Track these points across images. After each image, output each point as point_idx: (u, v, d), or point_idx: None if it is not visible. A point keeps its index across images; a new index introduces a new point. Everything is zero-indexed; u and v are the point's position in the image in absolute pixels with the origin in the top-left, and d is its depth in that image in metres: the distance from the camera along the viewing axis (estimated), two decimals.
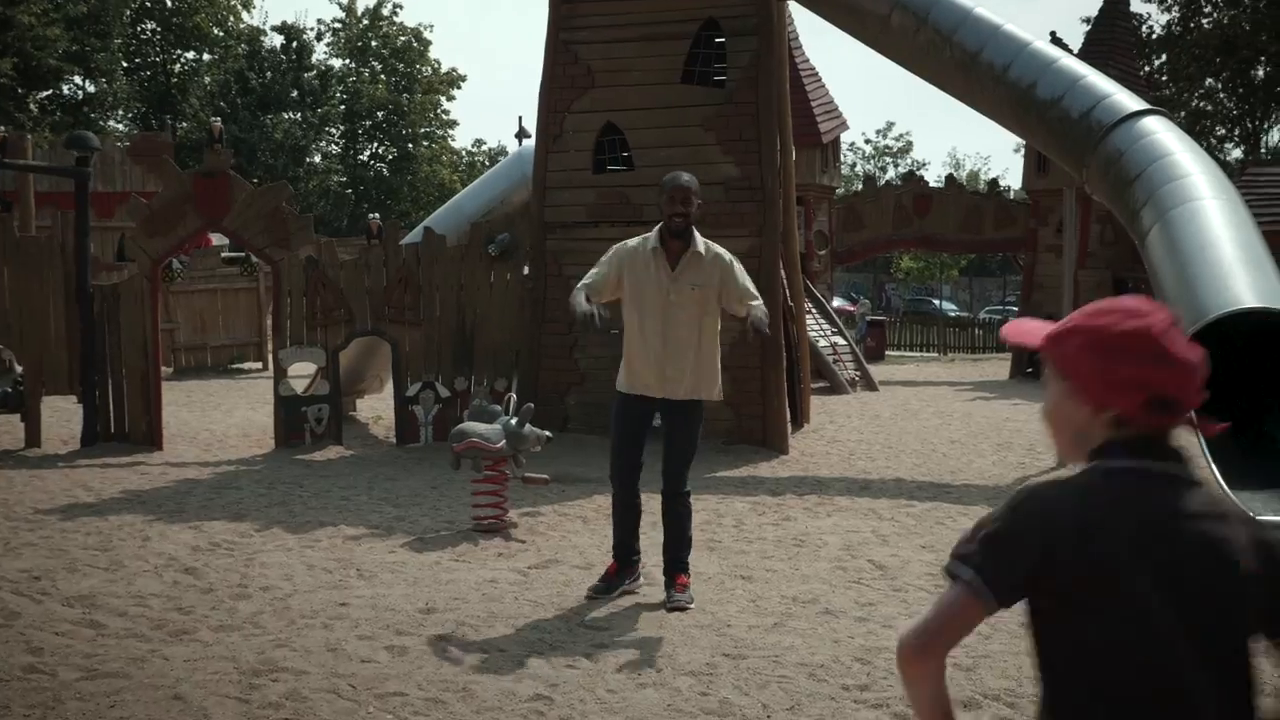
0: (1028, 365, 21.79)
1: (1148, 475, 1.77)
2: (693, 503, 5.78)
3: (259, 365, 19.53)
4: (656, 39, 11.37)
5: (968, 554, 1.83)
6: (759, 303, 5.63)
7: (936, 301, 49.80)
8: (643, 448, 5.77)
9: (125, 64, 42.28)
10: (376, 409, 13.21)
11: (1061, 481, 1.82)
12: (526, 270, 11.59)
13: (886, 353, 26.04)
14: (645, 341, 5.58)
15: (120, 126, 40.99)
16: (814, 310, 19.22)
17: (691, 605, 5.53)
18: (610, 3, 11.52)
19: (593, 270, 5.76)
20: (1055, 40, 19.55)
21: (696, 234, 5.67)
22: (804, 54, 21.50)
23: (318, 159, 47.15)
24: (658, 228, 5.71)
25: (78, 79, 38.37)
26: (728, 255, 5.72)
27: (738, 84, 11.22)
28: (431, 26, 66.34)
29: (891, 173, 57.87)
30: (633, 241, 5.75)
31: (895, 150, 62.31)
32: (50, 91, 36.86)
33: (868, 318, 30.44)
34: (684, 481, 5.72)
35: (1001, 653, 4.82)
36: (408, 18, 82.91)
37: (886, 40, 11.95)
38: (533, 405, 7.58)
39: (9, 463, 9.90)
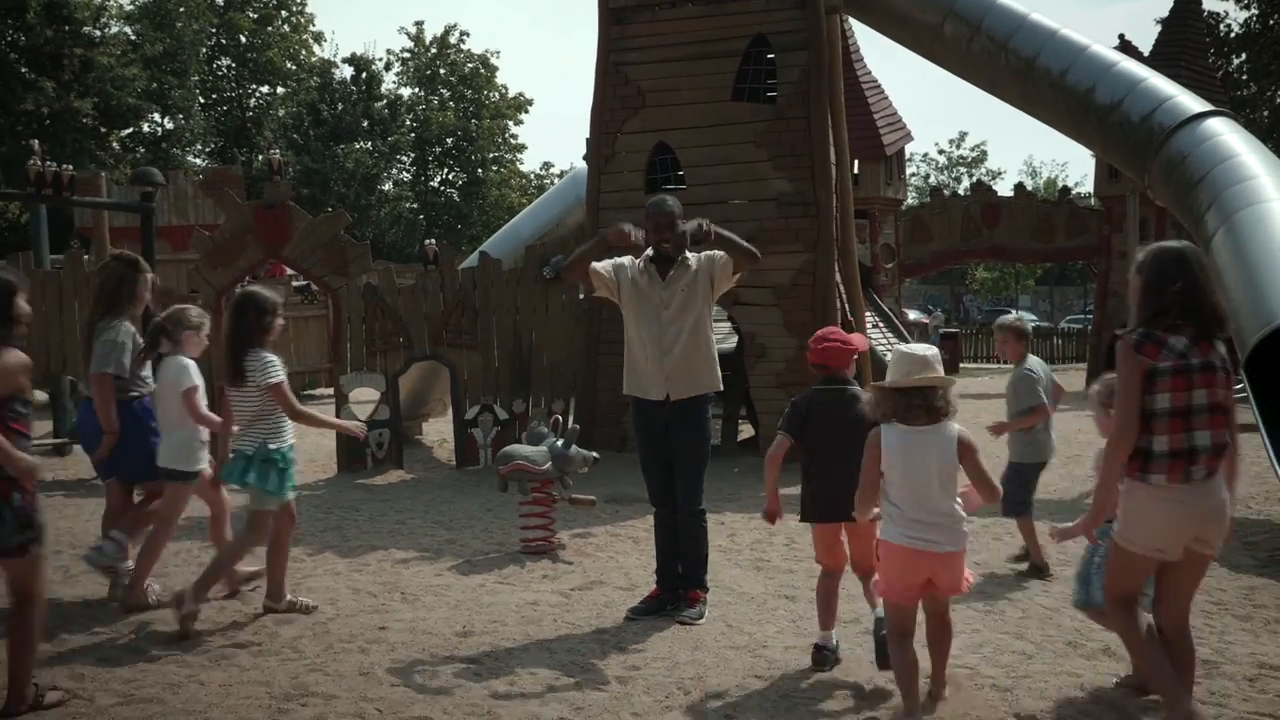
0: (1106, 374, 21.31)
1: (828, 390, 4.87)
2: (741, 520, 5.73)
3: (330, 391, 19.80)
4: (706, 58, 11.36)
5: (781, 424, 4.94)
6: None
7: (1014, 312, 48.91)
8: (671, 464, 5.76)
9: (202, 100, 43.32)
10: (443, 432, 13.31)
11: (807, 392, 4.94)
12: (581, 293, 11.61)
13: (960, 365, 25.66)
14: (643, 345, 5.70)
15: (198, 161, 42.01)
16: (880, 324, 19.01)
17: (701, 621, 5.55)
18: (659, 24, 11.55)
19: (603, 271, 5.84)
20: (1123, 44, 19.19)
21: (689, 255, 5.71)
22: (865, 66, 21.33)
23: (389, 187, 47.83)
24: (646, 252, 5.76)
25: (156, 116, 39.41)
26: (720, 255, 5.71)
27: (788, 99, 11.16)
28: (498, 52, 67.00)
29: (965, 183, 57.09)
30: (627, 260, 5.83)
31: (969, 160, 61.47)
32: (130, 129, 37.93)
33: (940, 330, 30.04)
34: (697, 499, 5.72)
35: (1043, 673, 4.69)
36: (475, 44, 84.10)
37: (940, 50, 11.82)
38: (578, 427, 7.58)
39: (81, 491, 10.15)
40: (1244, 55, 35.28)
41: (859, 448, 4.30)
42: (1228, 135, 10.11)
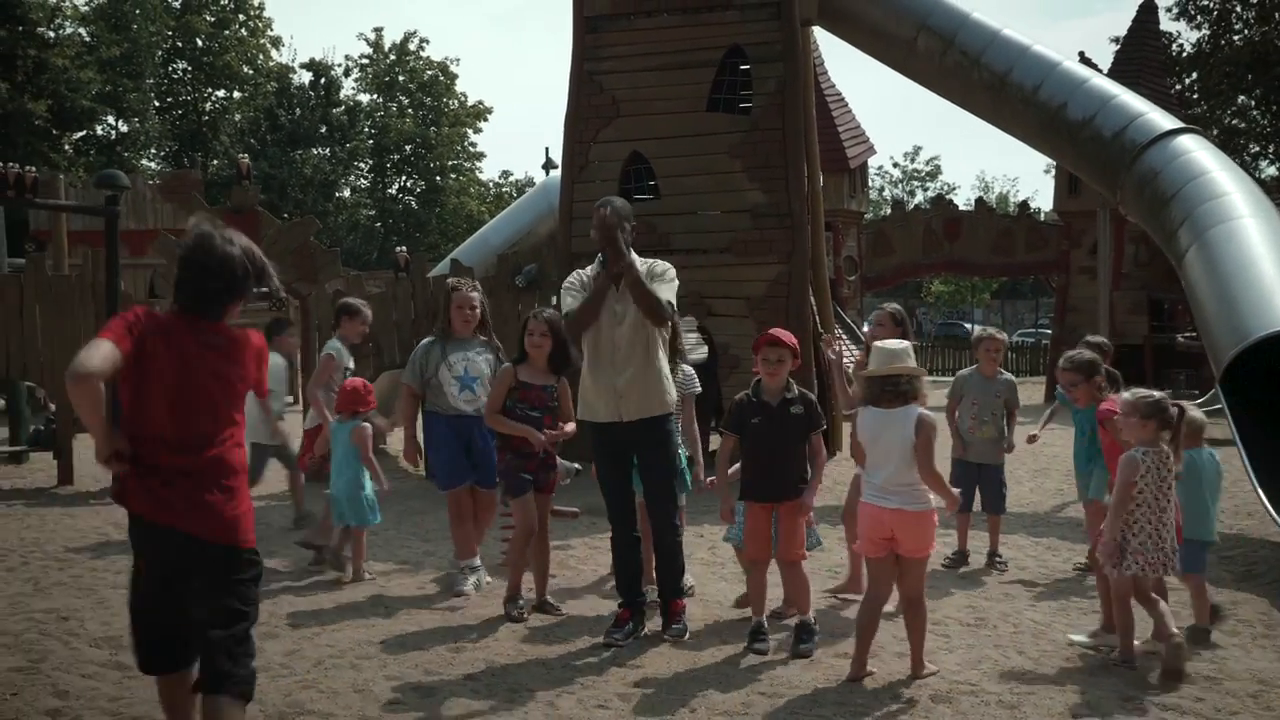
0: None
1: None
2: (720, 532, 5.68)
3: (290, 399, 19.53)
4: (681, 68, 11.33)
5: (724, 423, 5.56)
6: (661, 292, 5.48)
7: (968, 325, 49.45)
8: (630, 480, 5.70)
9: (157, 103, 42.81)
10: None
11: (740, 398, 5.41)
12: (554, 301, 11.53)
13: None
14: (598, 363, 5.53)
15: (153, 165, 41.42)
16: (844, 336, 19.09)
17: (686, 636, 5.49)
18: (635, 33, 11.51)
19: (566, 302, 5.65)
20: (1084, 61, 19.43)
21: (634, 256, 5.54)
22: (830, 79, 21.44)
23: (347, 193, 47.49)
24: (599, 256, 5.61)
25: (111, 119, 38.83)
26: (661, 266, 5.62)
27: (763, 111, 11.16)
28: (458, 60, 66.78)
29: (920, 197, 57.64)
30: (584, 271, 5.67)
31: (924, 174, 62.09)
32: (84, 132, 37.34)
33: None
34: (671, 513, 5.63)
35: (1046, 688, 4.67)
36: (434, 52, 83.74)
37: (913, 63, 11.87)
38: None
39: (42, 501, 9.92)
40: (1195, 75, 35.91)
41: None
42: (1198, 152, 10.24)
